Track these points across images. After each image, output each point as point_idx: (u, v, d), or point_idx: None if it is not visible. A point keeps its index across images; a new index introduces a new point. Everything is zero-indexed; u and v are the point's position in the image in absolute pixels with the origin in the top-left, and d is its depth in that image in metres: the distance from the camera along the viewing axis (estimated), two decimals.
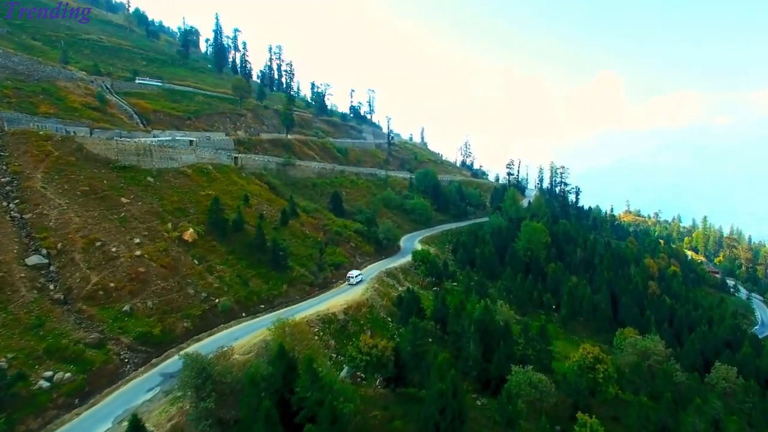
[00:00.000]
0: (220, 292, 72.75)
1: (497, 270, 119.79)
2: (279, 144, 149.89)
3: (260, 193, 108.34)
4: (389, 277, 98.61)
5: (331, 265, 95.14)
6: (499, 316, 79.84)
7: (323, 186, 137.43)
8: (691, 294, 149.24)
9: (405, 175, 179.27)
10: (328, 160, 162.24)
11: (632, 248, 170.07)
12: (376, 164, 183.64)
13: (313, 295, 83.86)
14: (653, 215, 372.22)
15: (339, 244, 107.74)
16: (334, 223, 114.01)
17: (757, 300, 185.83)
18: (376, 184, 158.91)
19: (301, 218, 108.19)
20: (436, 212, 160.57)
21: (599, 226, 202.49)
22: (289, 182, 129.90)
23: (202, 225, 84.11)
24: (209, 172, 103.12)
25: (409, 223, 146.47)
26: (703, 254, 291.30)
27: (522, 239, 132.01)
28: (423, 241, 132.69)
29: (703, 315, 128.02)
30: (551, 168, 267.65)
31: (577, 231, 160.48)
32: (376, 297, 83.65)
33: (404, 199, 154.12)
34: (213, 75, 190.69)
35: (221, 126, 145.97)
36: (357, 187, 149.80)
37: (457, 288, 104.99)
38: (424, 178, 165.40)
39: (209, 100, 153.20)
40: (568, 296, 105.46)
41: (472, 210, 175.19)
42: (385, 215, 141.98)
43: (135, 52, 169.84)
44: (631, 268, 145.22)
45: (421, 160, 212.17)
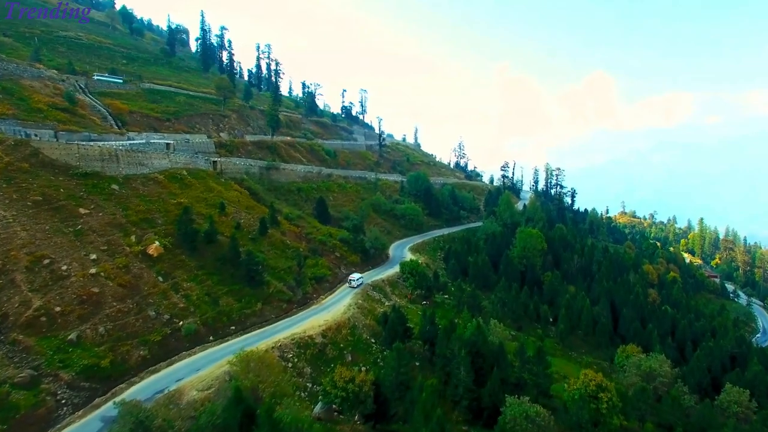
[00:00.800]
0: (185, 314, 65.36)
1: (491, 280, 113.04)
2: (264, 146, 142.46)
3: (239, 200, 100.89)
4: (375, 290, 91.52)
5: (313, 279, 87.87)
6: (493, 336, 72.92)
7: (309, 191, 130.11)
8: (692, 302, 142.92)
9: (396, 178, 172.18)
10: (315, 162, 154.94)
11: (630, 253, 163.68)
12: (367, 166, 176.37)
13: (291, 313, 76.51)
14: (648, 216, 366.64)
15: (323, 254, 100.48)
16: (319, 232, 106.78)
17: (757, 305, 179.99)
18: (365, 187, 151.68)
19: (283, 227, 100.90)
20: (428, 217, 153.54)
21: (596, 230, 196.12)
22: (272, 187, 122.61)
23: (171, 237, 76.65)
24: (183, 178, 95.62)
25: (400, 229, 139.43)
26: (699, 256, 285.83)
27: (517, 246, 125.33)
28: (413, 248, 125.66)
29: (705, 325, 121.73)
30: (546, 169, 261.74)
31: (574, 236, 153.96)
32: (358, 315, 76.51)
33: (395, 203, 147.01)
34: (198, 74, 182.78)
35: (203, 128, 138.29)
36: (345, 191, 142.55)
37: (448, 301, 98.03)
38: (416, 182, 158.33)
39: (191, 100, 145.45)
40: (566, 309, 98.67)
41: (465, 214, 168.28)
42: (374, 221, 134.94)
43: (115, 50, 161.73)
44: (630, 275, 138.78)
45: (414, 162, 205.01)
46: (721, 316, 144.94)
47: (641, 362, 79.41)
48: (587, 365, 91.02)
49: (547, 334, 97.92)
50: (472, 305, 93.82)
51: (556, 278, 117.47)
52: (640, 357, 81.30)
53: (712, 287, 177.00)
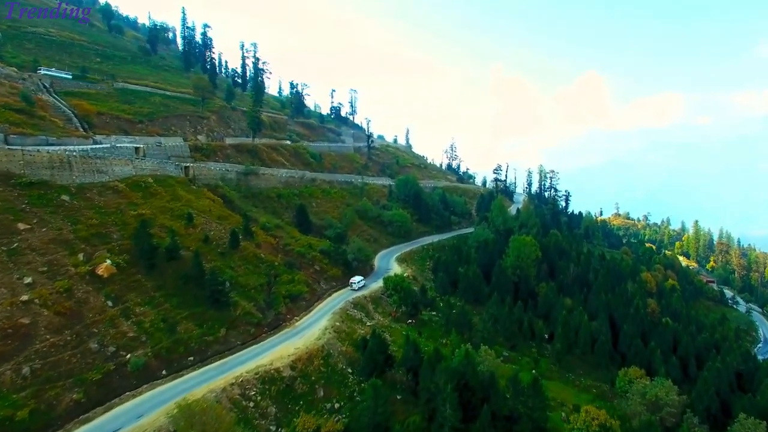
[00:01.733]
0: (134, 344, 57.05)
1: (483, 293, 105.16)
2: (244, 150, 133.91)
3: (210, 210, 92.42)
4: (356, 308, 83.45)
5: (287, 297, 79.66)
6: (483, 365, 65.04)
7: (290, 197, 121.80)
8: (692, 311, 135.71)
9: (385, 182, 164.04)
10: (299, 166, 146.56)
11: (627, 260, 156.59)
12: (354, 170, 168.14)
13: (260, 339, 68.28)
14: (642, 218, 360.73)
15: (301, 268, 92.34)
16: (297, 243, 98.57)
17: (756, 313, 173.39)
18: (351, 192, 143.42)
19: (258, 238, 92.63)
20: (417, 223, 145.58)
21: (591, 235, 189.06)
22: (250, 194, 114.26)
23: (127, 254, 68.28)
24: (148, 186, 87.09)
25: (387, 236, 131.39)
26: (694, 259, 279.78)
27: (510, 255, 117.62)
28: (401, 258, 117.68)
29: (708, 339, 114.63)
30: (540, 171, 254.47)
31: (569, 243, 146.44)
32: (334, 341, 68.33)
33: (382, 209, 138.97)
34: (180, 74, 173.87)
35: (179, 130, 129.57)
36: (329, 197, 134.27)
37: (436, 318, 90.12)
38: (405, 186, 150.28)
39: (168, 101, 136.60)
40: (562, 327, 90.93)
41: (456, 219, 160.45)
42: (360, 228, 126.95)
43: (89, 47, 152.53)
44: (629, 285, 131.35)
45: (403, 165, 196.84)
46: (722, 326, 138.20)
47: (646, 390, 71.94)
48: (586, 389, 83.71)
49: (542, 353, 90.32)
50: (461, 324, 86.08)
51: (551, 290, 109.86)
52: (645, 384, 73.79)
53: (710, 294, 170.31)
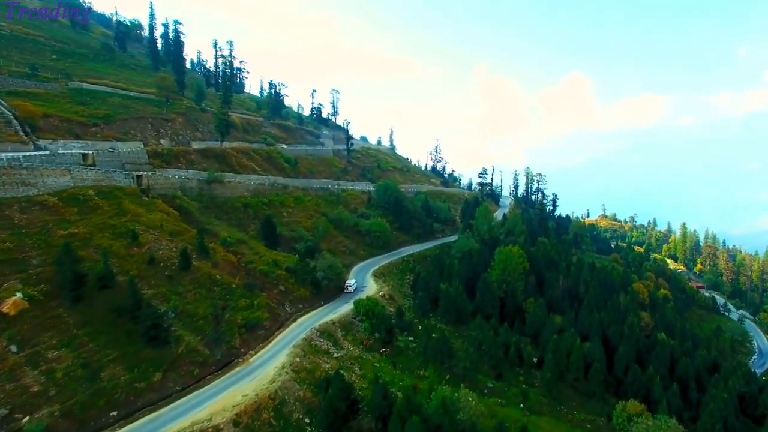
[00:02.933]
0: (38, 401, 46.49)
1: (466, 311, 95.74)
2: (211, 155, 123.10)
3: (162, 225, 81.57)
4: (323, 336, 73.39)
5: (243, 326, 69.43)
6: (463, 412, 55.41)
7: (258, 207, 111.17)
8: (687, 324, 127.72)
9: (364, 187, 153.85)
10: (272, 172, 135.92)
11: (618, 268, 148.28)
12: (332, 174, 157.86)
13: (204, 382, 57.80)
14: (629, 219, 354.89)
15: (264, 289, 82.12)
16: (261, 260, 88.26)
17: (748, 321, 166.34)
18: (327, 200, 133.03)
19: (216, 256, 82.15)
20: (397, 232, 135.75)
21: (580, 240, 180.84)
22: (212, 204, 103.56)
23: (46, 284, 57.54)
24: (88, 200, 76.11)
25: (364, 247, 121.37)
26: (682, 262, 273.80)
27: (496, 268, 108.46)
28: (378, 273, 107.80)
29: (706, 357, 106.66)
30: (527, 173, 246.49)
31: (558, 252, 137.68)
32: (291, 384, 58.07)
33: (360, 218, 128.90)
34: (147, 73, 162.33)
35: (140, 134, 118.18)
36: (302, 205, 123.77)
37: (413, 345, 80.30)
38: (385, 192, 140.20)
39: (129, 102, 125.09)
40: (553, 353, 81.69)
41: (439, 227, 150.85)
42: (335, 240, 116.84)
43: (45, 43, 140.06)
44: (621, 297, 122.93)
45: (385, 168, 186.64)
46: (718, 339, 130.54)
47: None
48: (580, 424, 74.55)
49: (531, 382, 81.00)
50: (441, 352, 76.48)
51: (539, 307, 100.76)
52: (647, 423, 64.73)
53: (702, 303, 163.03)
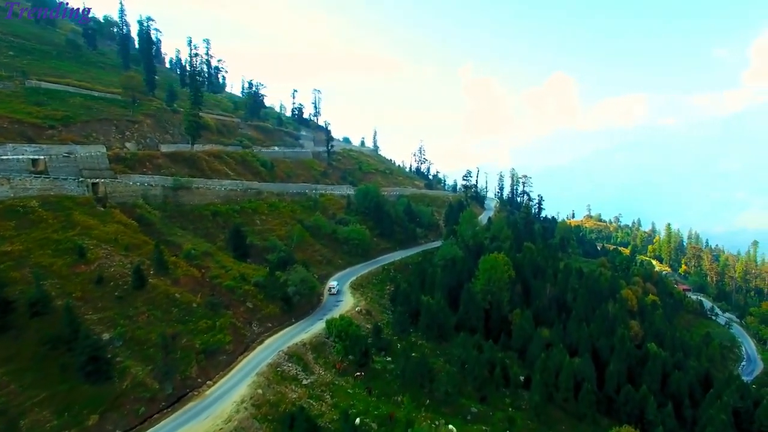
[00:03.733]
0: None
1: (448, 325, 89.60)
2: (180, 159, 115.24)
3: (117, 238, 73.96)
4: (292, 360, 66.57)
5: (202, 352, 62.39)
6: None
7: (229, 214, 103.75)
8: (676, 332, 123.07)
9: (344, 192, 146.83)
10: (246, 176, 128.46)
11: (606, 274, 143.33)
12: (311, 178, 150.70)
13: (152, 421, 50.60)
14: (614, 219, 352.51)
15: (230, 306, 75.08)
16: (228, 274, 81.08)
17: (736, 325, 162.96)
18: (304, 206, 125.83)
19: (177, 271, 74.90)
20: (378, 238, 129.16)
21: (566, 243, 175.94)
22: (179, 213, 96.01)
23: None
24: (30, 212, 68.36)
25: (343, 256, 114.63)
26: (667, 263, 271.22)
27: (480, 278, 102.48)
28: (356, 284, 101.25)
29: (699, 368, 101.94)
30: (512, 175, 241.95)
31: (545, 258, 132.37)
32: (250, 423, 51.01)
33: (338, 224, 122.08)
34: (117, 72, 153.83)
35: (102, 137, 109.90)
36: (277, 211, 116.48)
37: (391, 367, 73.76)
38: (365, 197, 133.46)
39: (92, 102, 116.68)
40: (541, 373, 75.74)
41: (422, 232, 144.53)
42: (311, 248, 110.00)
43: (1, 39, 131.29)
44: (609, 305, 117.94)
45: (367, 171, 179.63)
46: (708, 346, 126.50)
47: None
48: None
49: (517, 405, 75.00)
50: (421, 374, 70.12)
51: (526, 320, 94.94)
52: None
53: (690, 307, 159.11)
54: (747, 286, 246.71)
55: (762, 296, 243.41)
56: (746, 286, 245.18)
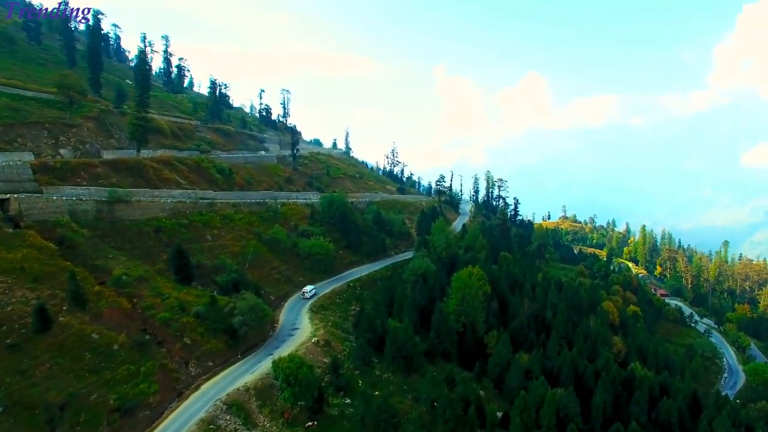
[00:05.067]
0: None
1: (418, 353, 79.29)
2: (124, 167, 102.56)
3: (24, 267, 61.46)
4: (231, 411, 55.60)
5: (117, 410, 51.04)
6: None
7: (175, 230, 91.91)
8: (660, 347, 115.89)
9: (308, 200, 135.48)
10: (201, 184, 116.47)
11: (585, 284, 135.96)
12: (274, 185, 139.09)
13: None
14: (589, 221, 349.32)
15: (164, 343, 63.87)
16: (165, 302, 69.56)
17: (715, 332, 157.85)
18: (263, 217, 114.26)
19: (101, 303, 63.17)
20: (344, 251, 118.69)
21: (543, 250, 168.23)
22: (112, 231, 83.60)
23: None
24: None
25: (304, 273, 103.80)
26: (643, 265, 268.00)
27: (453, 297, 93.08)
28: (317, 305, 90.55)
29: (686, 390, 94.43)
30: (487, 178, 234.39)
31: (522, 269, 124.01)
32: None
33: (300, 236, 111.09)
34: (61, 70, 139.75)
35: (31, 142, 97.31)
36: (232, 224, 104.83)
37: (351, 410, 63.45)
38: (330, 206, 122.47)
39: (20, 103, 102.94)
40: (521, 413, 66.33)
41: (393, 243, 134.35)
42: (269, 265, 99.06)
43: None
44: (590, 320, 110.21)
45: (335, 176, 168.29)
46: (692, 361, 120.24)
47: None
48: None
49: None
50: (384, 419, 60.00)
51: (503, 345, 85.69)
52: None
53: (670, 316, 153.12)
54: (720, 287, 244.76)
55: (734, 297, 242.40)
56: (720, 288, 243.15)
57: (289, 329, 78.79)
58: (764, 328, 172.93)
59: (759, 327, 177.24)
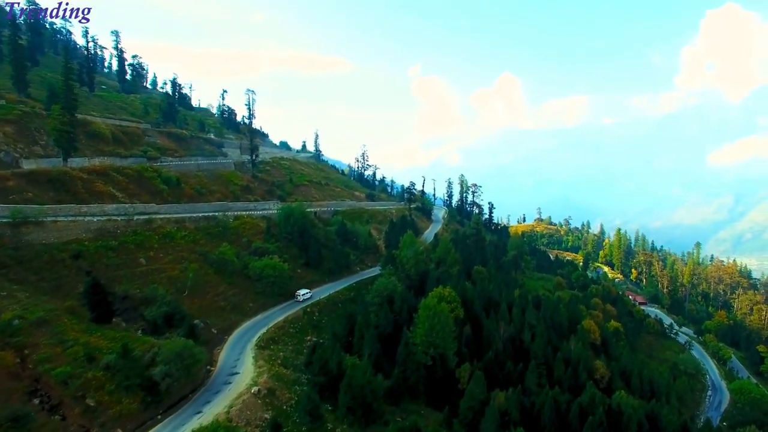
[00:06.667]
0: None
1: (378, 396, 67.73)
2: (45, 179, 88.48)
3: None
4: None
5: None
6: None
7: (100, 255, 78.10)
8: (645, 370, 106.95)
9: (268, 210, 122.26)
10: (143, 197, 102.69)
11: (564, 299, 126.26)
12: (230, 194, 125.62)
13: None
14: (564, 222, 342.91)
15: (59, 408, 50.63)
16: (68, 352, 56.23)
17: (696, 344, 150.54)
18: (211, 233, 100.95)
19: None
20: (303, 269, 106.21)
21: (520, 259, 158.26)
22: (15, 260, 69.57)
23: None
24: None
25: (256, 297, 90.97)
26: (619, 269, 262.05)
27: (420, 326, 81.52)
28: (265, 339, 77.84)
29: (675, 421, 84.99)
30: (461, 182, 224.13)
31: (498, 286, 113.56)
32: None
33: (253, 255, 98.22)
34: None
35: None
36: (173, 244, 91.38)
37: None
38: (287, 219, 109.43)
39: None
40: None
41: (357, 258, 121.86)
42: (213, 291, 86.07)
43: None
44: (571, 343, 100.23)
45: (299, 183, 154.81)
46: (677, 381, 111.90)
47: None
48: None
49: None
50: None
51: (477, 382, 74.50)
52: None
53: (651, 329, 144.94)
54: (695, 291, 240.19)
55: (708, 300, 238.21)
56: (694, 291, 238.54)
57: (228, 373, 66.03)
58: (743, 336, 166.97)
59: (737, 335, 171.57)
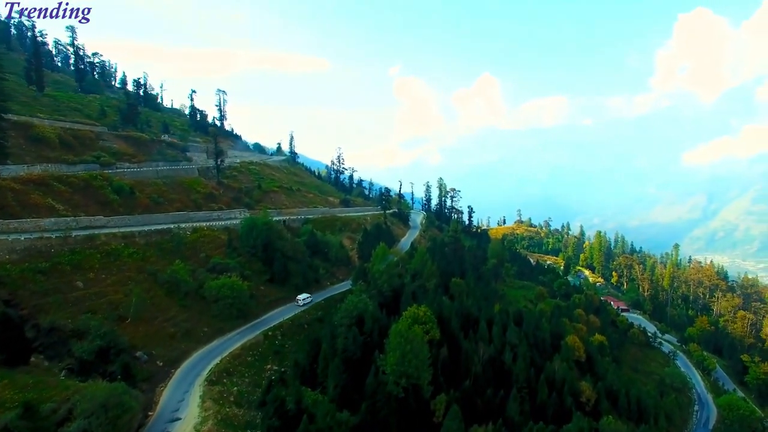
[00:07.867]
0: None
1: None
2: None
3: None
4: None
5: None
6: None
7: (26, 279, 67.94)
8: (632, 389, 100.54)
9: (233, 219, 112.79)
10: (90, 209, 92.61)
11: (546, 312, 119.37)
12: (191, 203, 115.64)
13: None
14: (544, 224, 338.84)
15: None
16: None
17: (680, 355, 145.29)
18: (164, 249, 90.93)
19: None
20: (267, 286, 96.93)
21: (500, 268, 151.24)
22: None
23: None
24: None
25: (211, 321, 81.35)
26: (599, 272, 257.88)
27: (391, 354, 72.84)
28: (217, 372, 68.57)
29: None
30: (440, 185, 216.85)
31: (477, 301, 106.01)
32: None
33: (210, 273, 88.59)
34: None
35: None
36: (118, 263, 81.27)
37: None
38: (250, 231, 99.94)
39: None
40: None
41: (327, 272, 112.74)
42: (163, 315, 76.44)
43: None
44: (555, 363, 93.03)
45: (268, 189, 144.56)
46: (664, 398, 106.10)
47: None
48: None
49: None
50: None
51: (453, 417, 66.60)
52: None
53: (635, 339, 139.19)
54: (675, 293, 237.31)
55: (688, 303, 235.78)
56: (674, 295, 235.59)
57: (168, 419, 56.73)
58: (726, 344, 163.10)
59: (719, 342, 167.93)
